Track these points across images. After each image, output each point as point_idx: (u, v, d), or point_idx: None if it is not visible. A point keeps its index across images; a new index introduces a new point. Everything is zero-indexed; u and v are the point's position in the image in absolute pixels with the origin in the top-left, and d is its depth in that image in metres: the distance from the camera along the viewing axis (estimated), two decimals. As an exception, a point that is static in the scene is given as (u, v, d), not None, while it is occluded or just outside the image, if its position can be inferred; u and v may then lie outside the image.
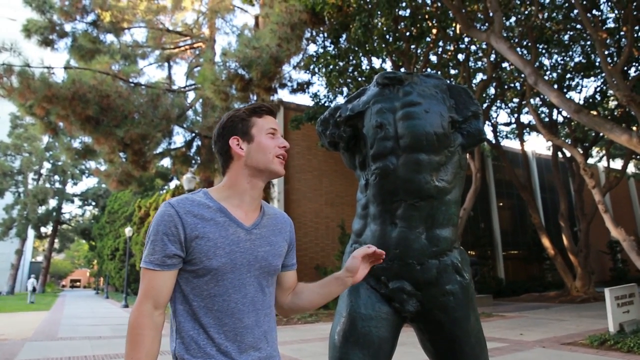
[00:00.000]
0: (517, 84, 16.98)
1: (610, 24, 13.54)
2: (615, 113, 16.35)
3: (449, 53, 14.90)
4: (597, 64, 14.43)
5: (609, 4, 12.89)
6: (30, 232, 41.81)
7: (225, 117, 1.35)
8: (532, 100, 15.81)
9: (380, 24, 12.70)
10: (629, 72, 13.73)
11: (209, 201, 1.27)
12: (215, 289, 1.21)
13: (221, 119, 1.37)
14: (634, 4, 10.85)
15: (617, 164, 24.27)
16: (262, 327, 1.26)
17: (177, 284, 1.22)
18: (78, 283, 79.05)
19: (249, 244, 1.26)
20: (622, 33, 12.92)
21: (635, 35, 12.31)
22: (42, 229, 42.20)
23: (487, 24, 12.77)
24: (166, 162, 18.38)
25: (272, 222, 1.36)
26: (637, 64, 13.95)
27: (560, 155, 18.30)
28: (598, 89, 15.99)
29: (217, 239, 1.21)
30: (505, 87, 17.42)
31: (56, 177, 42.76)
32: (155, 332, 1.17)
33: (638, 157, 18.57)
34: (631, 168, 25.79)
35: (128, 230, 23.61)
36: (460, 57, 14.93)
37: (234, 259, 1.22)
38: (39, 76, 10.88)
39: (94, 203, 45.54)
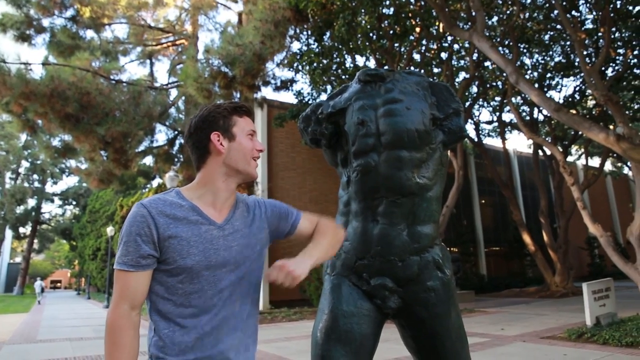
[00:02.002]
0: (499, 83, 17.21)
1: (589, 25, 13.82)
2: (594, 112, 16.70)
3: (432, 52, 15.01)
4: (576, 63, 14.71)
5: (588, 5, 13.14)
6: (8, 233, 40.91)
7: (205, 111, 1.33)
8: (513, 99, 16.04)
9: (364, 22, 12.73)
10: (606, 72, 14.03)
11: (181, 200, 1.27)
12: (190, 287, 1.21)
13: (199, 111, 1.35)
14: (611, 5, 11.09)
15: (595, 161, 24.82)
16: (238, 317, 1.28)
17: (152, 283, 1.22)
18: (59, 284, 77.57)
19: (222, 240, 1.26)
20: (600, 34, 13.19)
21: (613, 36, 12.59)
22: (21, 229, 41.30)
23: (469, 23, 12.91)
24: (148, 160, 18.17)
25: (244, 213, 1.36)
26: (614, 64, 14.27)
27: (540, 153, 18.62)
28: (577, 88, 16.31)
29: (190, 238, 1.21)
30: (487, 85, 17.64)
31: (35, 176, 41.90)
32: (134, 331, 1.18)
33: (615, 155, 19.00)
34: (608, 166, 26.40)
35: (110, 230, 23.26)
36: (443, 55, 15.06)
37: (208, 256, 1.22)
38: (16, 72, 10.63)
39: (74, 202, 44.75)
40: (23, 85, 10.44)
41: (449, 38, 14.27)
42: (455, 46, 15.23)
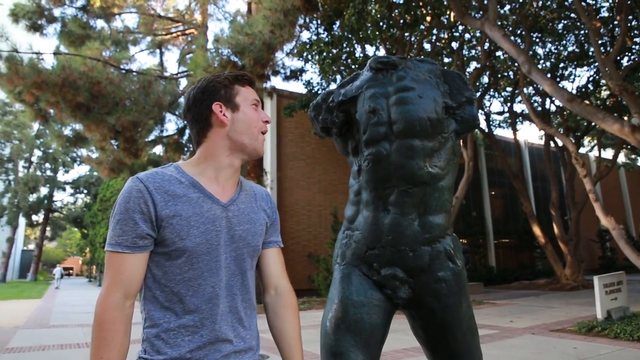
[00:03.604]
0: (511, 73, 16.97)
1: (604, 13, 13.54)
2: (608, 102, 16.42)
3: (443, 41, 14.83)
4: (590, 53, 14.44)
5: (604, -8, 12.87)
6: (22, 220, 41.50)
7: (204, 82, 1.21)
8: (525, 89, 15.82)
9: (374, 11, 12.60)
10: (621, 61, 13.76)
11: (181, 176, 1.14)
12: (190, 272, 1.09)
13: (197, 83, 1.23)
14: (628, -8, 10.83)
15: (608, 153, 24.46)
16: (238, 314, 1.16)
17: (147, 268, 1.11)
18: (70, 271, 78.74)
19: (226, 221, 1.15)
20: (615, 22, 12.92)
21: (629, 24, 12.32)
22: (34, 217, 41.87)
23: (481, 12, 12.71)
24: (158, 149, 18.27)
25: (250, 199, 1.25)
26: (630, 54, 13.98)
27: (552, 144, 18.39)
28: (591, 78, 16.04)
29: (191, 217, 1.09)
30: (499, 75, 17.41)
31: (47, 165, 42.30)
32: (127, 326, 1.05)
33: (629, 146, 18.72)
34: (622, 158, 26.03)
35: (120, 219, 23.47)
36: (454, 45, 14.87)
37: (209, 238, 1.11)
38: (28, 62, 10.69)
39: (85, 191, 45.16)
40: (35, 74, 10.51)
41: (460, 27, 14.07)
42: (467, 35, 15.03)
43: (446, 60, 15.53)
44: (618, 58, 13.04)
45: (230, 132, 1.19)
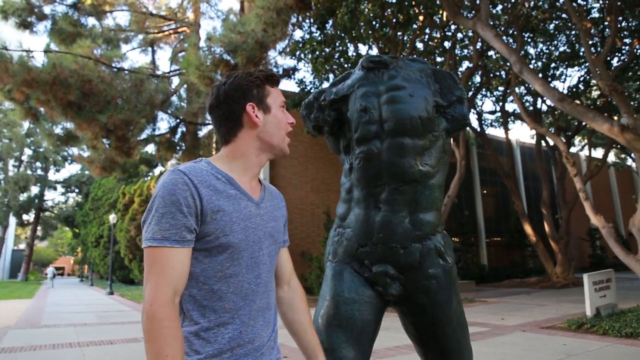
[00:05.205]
0: (503, 73, 17.09)
1: (595, 14, 13.67)
2: (598, 102, 16.61)
3: (436, 40, 14.89)
4: (581, 53, 14.58)
5: (594, -7, 12.99)
6: (12, 220, 41.08)
7: (237, 79, 1.19)
8: (517, 89, 15.94)
9: (366, 10, 12.63)
10: (611, 62, 13.92)
11: (216, 172, 1.13)
12: (231, 268, 1.09)
13: (229, 79, 1.21)
14: (618, -7, 10.94)
15: (598, 153, 24.70)
16: (270, 310, 1.19)
17: None
18: (62, 271, 78.09)
19: (259, 219, 1.17)
20: (606, 23, 13.06)
21: (619, 25, 12.46)
22: (24, 217, 41.50)
23: (473, 12, 12.78)
24: (150, 148, 18.22)
25: (272, 197, 1.29)
26: (619, 54, 14.14)
27: (543, 143, 18.55)
28: (581, 78, 16.21)
29: (232, 213, 1.09)
30: (491, 75, 17.53)
31: (38, 164, 41.93)
32: (179, 322, 1.02)
33: (618, 146, 18.92)
34: (611, 157, 26.30)
35: (112, 217, 23.34)
36: (447, 44, 14.94)
37: (247, 235, 1.12)
38: (18, 59, 10.59)
39: (77, 190, 44.83)
40: (25, 72, 10.41)
41: (453, 27, 14.14)
42: (459, 35, 15.11)
43: (438, 59, 15.60)
44: (608, 58, 13.20)
45: (261, 134, 1.20)
